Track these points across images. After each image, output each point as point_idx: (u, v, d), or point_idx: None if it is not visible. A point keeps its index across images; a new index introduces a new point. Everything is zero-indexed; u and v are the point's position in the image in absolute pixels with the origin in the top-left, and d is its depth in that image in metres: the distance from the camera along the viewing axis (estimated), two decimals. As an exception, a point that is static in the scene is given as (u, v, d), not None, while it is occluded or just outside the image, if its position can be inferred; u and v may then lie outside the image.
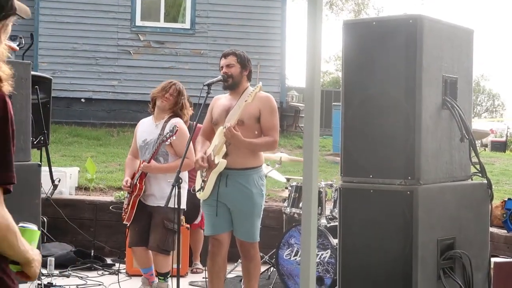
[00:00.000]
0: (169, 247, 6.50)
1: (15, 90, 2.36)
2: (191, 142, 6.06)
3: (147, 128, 6.73)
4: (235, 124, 5.60)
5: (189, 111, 6.82)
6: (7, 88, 2.42)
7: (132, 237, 6.69)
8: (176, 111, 6.67)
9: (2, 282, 2.40)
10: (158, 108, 6.69)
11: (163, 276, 6.65)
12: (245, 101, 5.61)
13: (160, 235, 6.46)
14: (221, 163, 5.70)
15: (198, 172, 5.95)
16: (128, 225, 6.69)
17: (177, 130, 6.31)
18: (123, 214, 6.71)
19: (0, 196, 2.34)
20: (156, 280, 6.78)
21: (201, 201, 6.00)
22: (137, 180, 6.56)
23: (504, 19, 79.28)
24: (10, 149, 2.35)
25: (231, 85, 5.87)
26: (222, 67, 5.92)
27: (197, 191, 5.91)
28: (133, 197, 6.57)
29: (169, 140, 6.31)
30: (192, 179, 7.66)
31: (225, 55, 5.97)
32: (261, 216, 5.90)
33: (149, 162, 6.47)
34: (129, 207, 6.58)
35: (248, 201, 5.74)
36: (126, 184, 6.60)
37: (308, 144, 2.92)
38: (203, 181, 5.83)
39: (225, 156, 5.72)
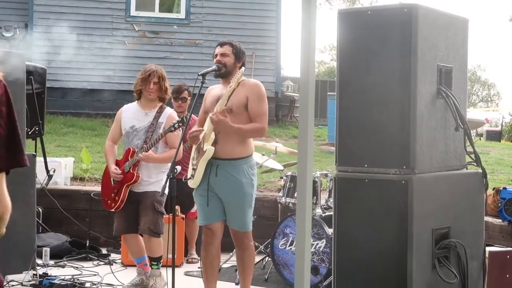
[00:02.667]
0: (160, 230, 6.58)
1: (9, 80, 2.37)
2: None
3: (134, 115, 6.73)
4: (222, 110, 5.57)
5: (168, 94, 6.86)
6: (1, 74, 2.44)
7: (120, 224, 6.74)
8: (161, 97, 6.72)
9: None
10: (145, 99, 6.72)
11: (156, 261, 6.67)
12: (229, 86, 5.60)
13: (151, 217, 6.52)
14: (208, 150, 5.67)
15: (190, 159, 5.95)
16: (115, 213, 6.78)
17: (190, 120, 6.43)
18: (109, 202, 6.74)
19: (4, 178, 2.35)
20: (149, 270, 6.79)
21: (193, 192, 6.01)
22: (130, 168, 6.59)
23: (500, 9, 79.26)
24: (19, 133, 2.36)
25: (223, 74, 5.85)
26: (216, 55, 5.91)
27: (188, 179, 5.93)
28: (125, 185, 6.60)
29: (177, 130, 6.39)
30: (186, 169, 7.69)
31: (221, 44, 5.95)
32: (253, 205, 5.88)
33: (147, 151, 6.50)
34: (121, 195, 6.61)
35: (238, 191, 5.73)
36: (117, 172, 6.64)
37: (303, 134, 2.92)
38: (193, 169, 5.83)
39: (214, 144, 5.70)
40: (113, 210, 6.74)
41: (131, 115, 6.74)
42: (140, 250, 6.76)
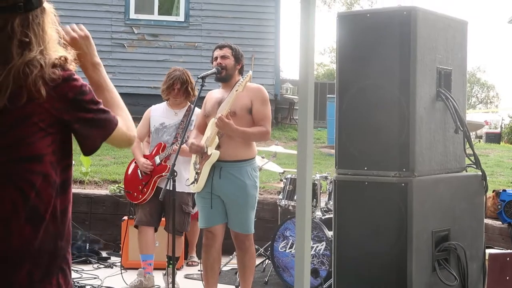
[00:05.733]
0: (185, 228, 6.91)
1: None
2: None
3: (164, 114, 7.00)
4: (227, 114, 5.61)
5: (194, 94, 7.03)
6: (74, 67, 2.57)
7: (142, 217, 6.90)
8: (189, 98, 6.97)
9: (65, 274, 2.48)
10: (173, 101, 6.98)
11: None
12: (236, 90, 5.62)
13: (178, 219, 6.62)
14: (214, 154, 5.69)
15: (191, 165, 5.95)
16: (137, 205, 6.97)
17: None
18: (135, 194, 6.92)
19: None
20: (151, 272, 6.80)
21: (195, 194, 6.01)
22: (161, 161, 6.84)
23: (499, 11, 79.24)
24: (103, 109, 2.58)
25: (225, 77, 5.88)
26: (216, 58, 5.94)
27: (191, 183, 5.91)
28: (155, 177, 6.87)
29: None
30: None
31: (220, 47, 6.00)
32: (256, 208, 5.90)
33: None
34: (150, 187, 6.85)
35: (242, 192, 5.74)
36: (148, 163, 6.85)
37: (302, 137, 2.91)
38: (196, 173, 5.83)
39: (218, 147, 5.72)
40: (138, 202, 6.92)
41: (160, 114, 7.02)
42: (151, 246, 6.89)
